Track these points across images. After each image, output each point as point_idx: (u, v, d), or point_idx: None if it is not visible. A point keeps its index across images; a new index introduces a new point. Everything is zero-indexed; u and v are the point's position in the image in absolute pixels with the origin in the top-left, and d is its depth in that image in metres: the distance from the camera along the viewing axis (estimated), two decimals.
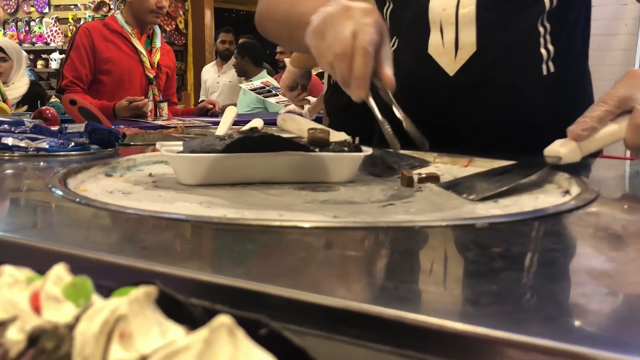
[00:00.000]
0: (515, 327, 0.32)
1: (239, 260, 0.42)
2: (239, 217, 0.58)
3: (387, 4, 1.05)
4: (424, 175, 0.78)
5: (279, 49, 5.00)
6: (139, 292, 0.24)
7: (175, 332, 0.24)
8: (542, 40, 0.96)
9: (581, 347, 0.29)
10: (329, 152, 0.78)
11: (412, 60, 1.02)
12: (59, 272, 0.26)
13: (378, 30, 0.72)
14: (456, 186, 0.72)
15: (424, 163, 0.92)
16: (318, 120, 2.34)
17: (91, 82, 2.61)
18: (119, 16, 2.67)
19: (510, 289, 0.38)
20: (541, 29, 0.96)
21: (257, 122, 1.68)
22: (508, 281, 0.39)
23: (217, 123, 1.79)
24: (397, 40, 1.07)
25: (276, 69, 5.41)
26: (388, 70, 0.73)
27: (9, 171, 0.87)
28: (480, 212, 0.62)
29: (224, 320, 0.22)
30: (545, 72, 0.97)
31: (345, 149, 0.79)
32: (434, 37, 0.96)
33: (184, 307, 0.29)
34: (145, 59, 2.68)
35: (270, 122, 1.54)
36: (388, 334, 0.32)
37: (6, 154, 0.94)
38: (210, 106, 2.89)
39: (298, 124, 1.15)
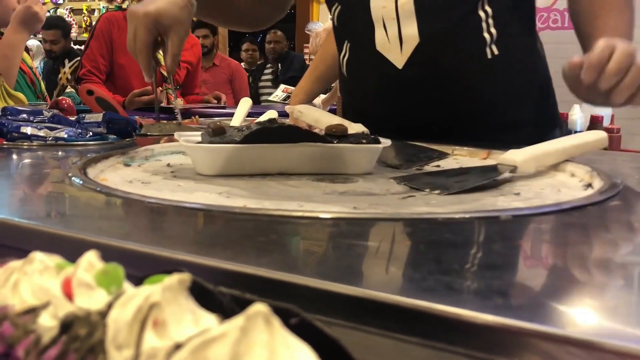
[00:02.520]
0: (544, 319, 0.31)
1: (263, 249, 0.42)
2: (259, 207, 0.57)
3: (336, 5, 1.06)
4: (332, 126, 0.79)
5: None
6: (173, 279, 0.24)
7: (208, 320, 0.24)
8: (484, 24, 0.98)
9: (610, 340, 0.29)
10: (347, 143, 0.78)
11: (366, 59, 1.06)
12: (91, 259, 0.26)
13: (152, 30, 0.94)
14: (413, 181, 0.72)
15: (442, 155, 0.91)
16: (332, 112, 2.33)
17: (109, 74, 2.60)
18: None
19: (537, 281, 0.38)
20: (482, 14, 0.98)
21: (272, 114, 1.68)
22: (535, 273, 0.38)
23: (231, 114, 1.79)
24: (348, 42, 1.10)
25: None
26: (168, 61, 0.98)
27: (29, 160, 0.88)
28: (502, 205, 0.62)
29: (260, 308, 0.21)
30: (489, 56, 0.99)
31: (364, 140, 0.79)
32: (379, 34, 0.99)
33: (213, 295, 0.29)
34: (160, 56, 2.66)
35: (285, 113, 1.54)
36: (416, 325, 0.32)
37: (25, 143, 0.94)
38: (215, 101, 2.86)
39: (314, 114, 1.15)
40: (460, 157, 0.92)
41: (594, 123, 2.47)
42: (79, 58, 3.97)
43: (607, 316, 0.34)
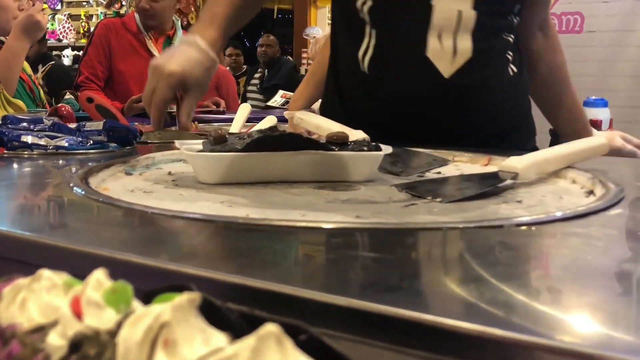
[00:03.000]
0: (549, 332, 0.31)
1: (268, 261, 0.41)
2: (262, 217, 0.57)
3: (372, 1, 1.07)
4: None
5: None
6: (182, 299, 0.23)
7: (218, 339, 0.24)
8: (508, 45, 1.09)
9: (614, 353, 0.29)
10: (349, 150, 0.78)
11: (406, 62, 1.07)
12: (99, 277, 0.26)
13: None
14: (414, 189, 0.72)
15: (443, 162, 0.91)
16: None
17: (107, 80, 2.59)
18: (137, 15, 2.64)
19: (541, 292, 0.38)
20: (509, 38, 1.09)
21: (271, 120, 1.68)
22: (540, 284, 0.38)
23: (230, 120, 1.79)
24: (377, 39, 1.09)
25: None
26: (182, 118, 0.97)
27: (30, 169, 0.88)
28: (505, 213, 0.62)
29: (271, 328, 0.21)
30: (511, 73, 1.10)
31: (365, 147, 0.79)
32: (433, 42, 1.03)
33: (221, 311, 0.29)
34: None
35: (284, 119, 1.54)
36: (422, 338, 0.32)
37: (25, 152, 0.94)
38: (214, 107, 2.83)
39: (315, 121, 1.15)
40: (461, 164, 0.92)
41: (592, 127, 2.48)
42: (53, 62, 3.97)
43: (610, 327, 0.34)
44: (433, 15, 1.02)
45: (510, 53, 1.09)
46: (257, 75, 5.43)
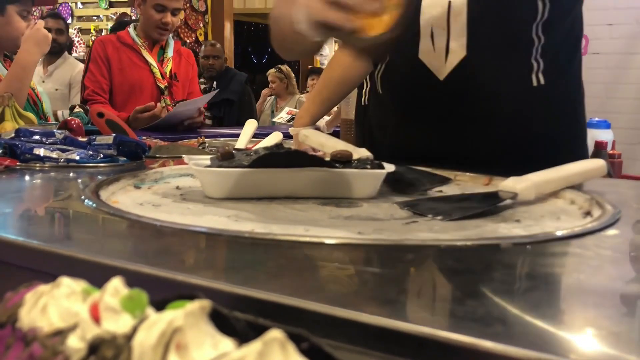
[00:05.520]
0: (545, 347, 0.33)
1: (273, 274, 0.43)
2: (267, 231, 0.59)
3: None
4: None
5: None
6: (194, 305, 0.25)
7: (225, 344, 0.26)
8: (534, 50, 0.97)
9: None
10: (352, 168, 0.80)
11: (404, 68, 1.03)
12: (116, 285, 0.28)
13: None
14: (416, 206, 0.74)
15: (445, 180, 0.93)
16: (335, 134, 2.36)
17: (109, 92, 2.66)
18: (131, 30, 2.73)
19: (537, 309, 0.40)
20: (535, 40, 0.97)
21: (276, 136, 1.70)
22: (535, 300, 0.40)
23: (236, 135, 1.82)
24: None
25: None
26: None
27: (41, 181, 0.90)
28: (503, 232, 0.63)
29: (276, 334, 0.23)
30: (535, 83, 0.98)
31: (368, 165, 0.81)
32: (425, 42, 0.98)
33: (228, 320, 0.31)
34: (156, 70, 2.71)
35: (289, 135, 1.57)
36: (419, 350, 0.34)
37: (37, 165, 0.97)
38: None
39: (319, 138, 1.17)
40: (463, 183, 0.94)
41: (599, 150, 2.49)
42: None
43: (607, 344, 0.35)
44: (421, 10, 0.96)
45: (540, 60, 0.97)
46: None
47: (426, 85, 1.00)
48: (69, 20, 7.13)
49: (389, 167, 0.82)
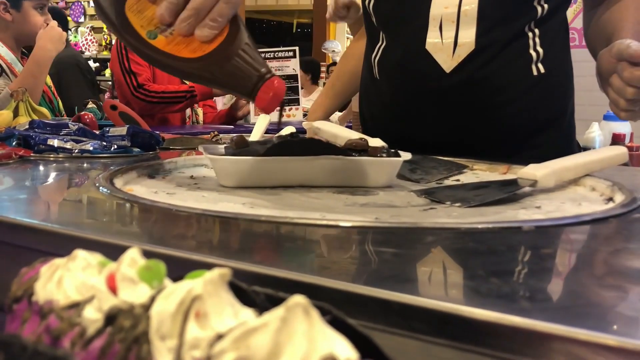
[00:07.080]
0: (570, 322, 0.32)
1: (291, 254, 0.43)
2: (284, 215, 0.59)
3: None
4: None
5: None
6: (214, 273, 0.25)
7: (246, 314, 0.25)
8: (531, 42, 1.00)
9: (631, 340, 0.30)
10: (368, 156, 0.79)
11: (407, 58, 1.03)
12: (133, 255, 0.28)
13: None
14: (433, 194, 0.73)
15: (462, 168, 0.92)
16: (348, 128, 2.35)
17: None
18: None
19: (562, 286, 0.39)
20: (530, 33, 1.00)
21: (290, 130, 1.70)
22: (559, 278, 0.39)
23: (249, 131, 1.82)
24: (385, 39, 1.07)
25: None
26: None
27: (56, 171, 0.90)
28: (524, 217, 0.62)
29: (299, 300, 0.22)
30: (535, 73, 1.01)
31: (384, 154, 0.80)
32: (432, 34, 0.98)
33: (247, 294, 0.30)
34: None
35: (302, 130, 1.56)
36: (443, 326, 0.33)
37: (51, 155, 0.97)
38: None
39: (332, 130, 1.16)
40: (480, 172, 0.93)
41: (616, 142, 2.45)
42: None
43: (629, 320, 0.34)
44: (432, 3, 0.97)
45: (539, 50, 1.00)
46: None
47: (430, 76, 1.01)
48: (81, 19, 7.19)
49: (406, 155, 0.81)
